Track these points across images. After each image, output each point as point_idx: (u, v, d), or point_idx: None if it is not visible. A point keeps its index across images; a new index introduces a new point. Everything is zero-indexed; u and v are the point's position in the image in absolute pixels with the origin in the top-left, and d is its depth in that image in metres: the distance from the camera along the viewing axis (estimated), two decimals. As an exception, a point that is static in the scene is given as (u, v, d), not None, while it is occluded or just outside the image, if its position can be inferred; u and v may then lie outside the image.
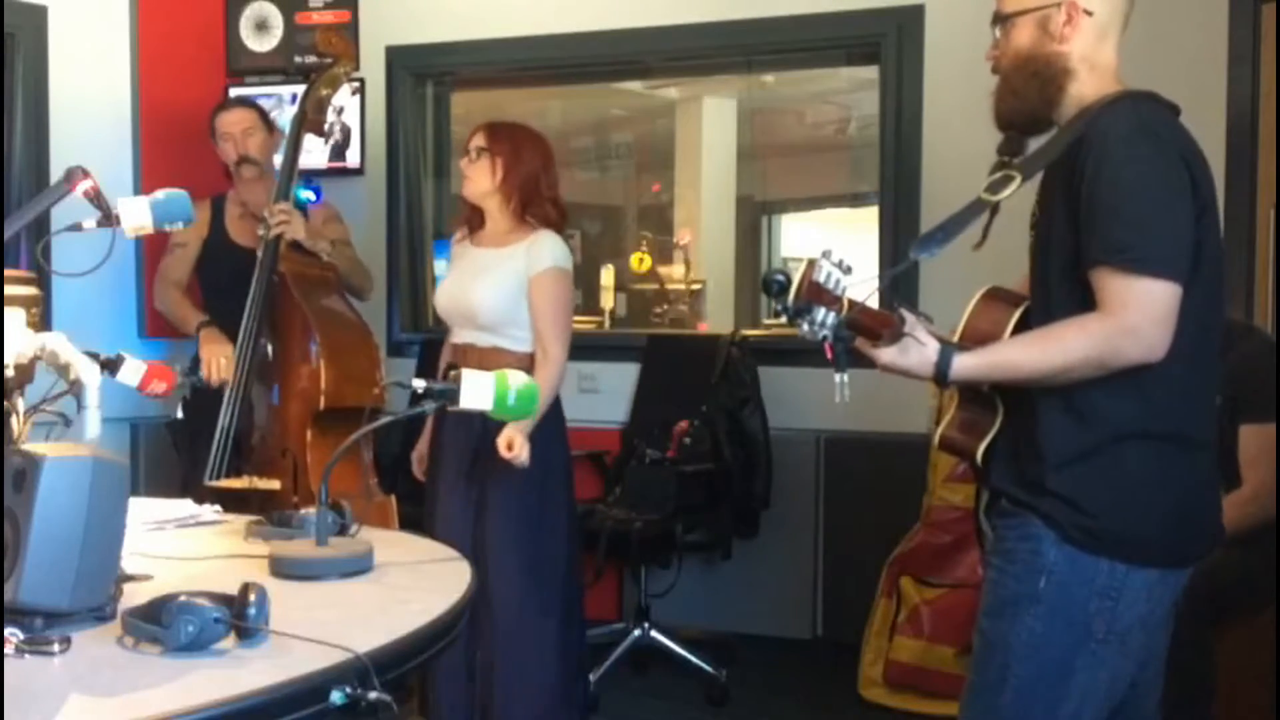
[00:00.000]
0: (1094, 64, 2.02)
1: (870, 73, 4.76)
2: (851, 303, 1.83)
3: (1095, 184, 1.88)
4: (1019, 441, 2.02)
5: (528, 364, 3.23)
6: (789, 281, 1.80)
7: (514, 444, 3.11)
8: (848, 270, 1.82)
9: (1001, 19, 2.08)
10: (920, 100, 4.43)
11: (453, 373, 2.16)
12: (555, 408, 3.32)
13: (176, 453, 4.01)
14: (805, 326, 1.81)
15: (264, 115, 4.04)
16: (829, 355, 1.84)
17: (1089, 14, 2.01)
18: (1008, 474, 2.03)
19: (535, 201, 3.31)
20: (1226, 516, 2.18)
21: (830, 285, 1.80)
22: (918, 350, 1.92)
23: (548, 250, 3.28)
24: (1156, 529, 1.96)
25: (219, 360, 3.68)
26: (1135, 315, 1.85)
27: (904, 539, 4.09)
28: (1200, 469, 2.02)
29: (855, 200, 7.64)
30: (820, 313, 1.80)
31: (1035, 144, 2.09)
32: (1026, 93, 2.04)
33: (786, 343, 4.58)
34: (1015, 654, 1.99)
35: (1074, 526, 1.95)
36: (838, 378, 1.85)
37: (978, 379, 1.99)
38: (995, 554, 2.06)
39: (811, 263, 1.80)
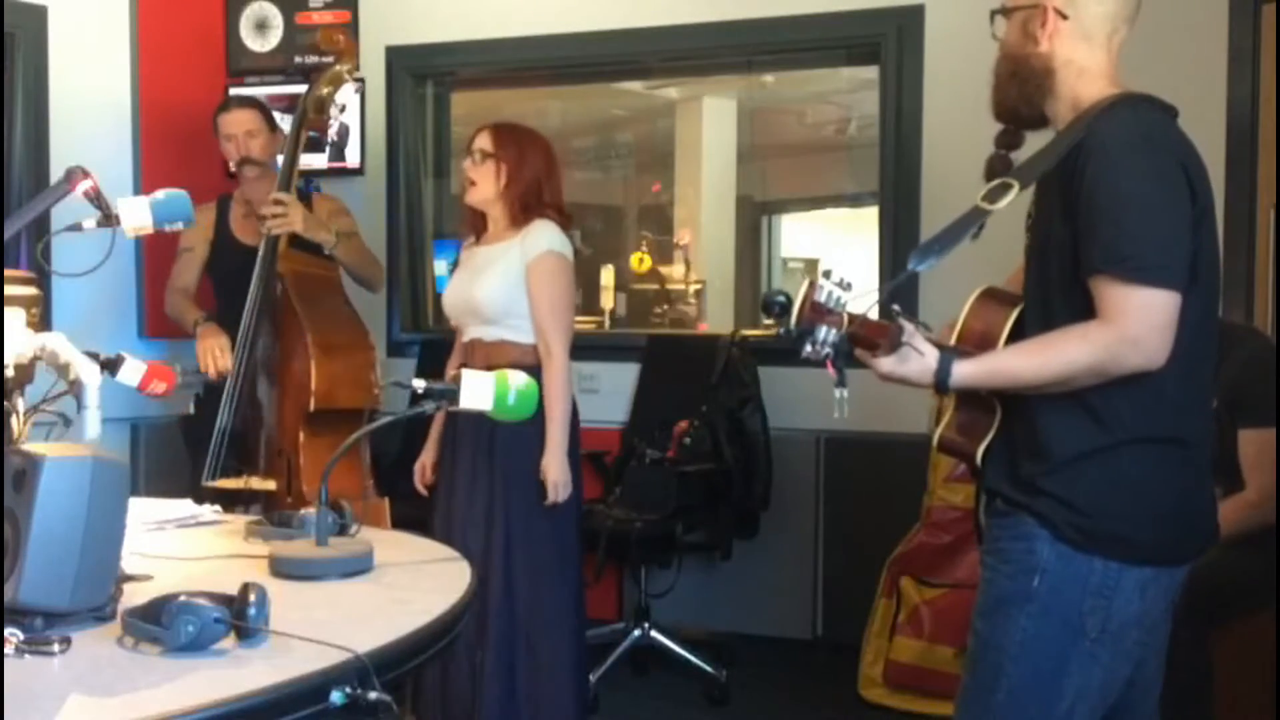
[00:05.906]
0: (1082, 67, 2.02)
1: (870, 73, 4.76)
2: (852, 317, 1.84)
3: (1094, 192, 1.88)
4: (1016, 442, 2.02)
5: (534, 355, 3.24)
6: (790, 302, 1.82)
7: (550, 473, 3.18)
8: (848, 287, 1.84)
9: (998, 12, 2.10)
10: (920, 100, 4.43)
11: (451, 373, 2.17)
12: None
13: (188, 449, 3.99)
14: (808, 348, 1.83)
15: (267, 116, 4.03)
16: (830, 370, 1.86)
17: (1064, 17, 2.01)
18: (1003, 474, 2.03)
19: (536, 208, 3.30)
20: (1227, 518, 2.18)
21: (831, 304, 1.81)
22: (917, 359, 1.93)
23: (544, 236, 3.27)
24: (1150, 528, 1.96)
25: (214, 352, 3.68)
26: (1136, 324, 1.85)
27: (904, 539, 4.09)
28: (1195, 471, 2.02)
29: (855, 200, 7.63)
30: (822, 331, 1.82)
31: (1033, 137, 2.10)
32: (1008, 90, 2.08)
33: (786, 343, 4.57)
34: (1009, 654, 1.99)
35: (1067, 525, 1.95)
36: (837, 393, 1.87)
37: (977, 386, 1.99)
38: (989, 554, 2.06)
39: (812, 284, 1.82)
